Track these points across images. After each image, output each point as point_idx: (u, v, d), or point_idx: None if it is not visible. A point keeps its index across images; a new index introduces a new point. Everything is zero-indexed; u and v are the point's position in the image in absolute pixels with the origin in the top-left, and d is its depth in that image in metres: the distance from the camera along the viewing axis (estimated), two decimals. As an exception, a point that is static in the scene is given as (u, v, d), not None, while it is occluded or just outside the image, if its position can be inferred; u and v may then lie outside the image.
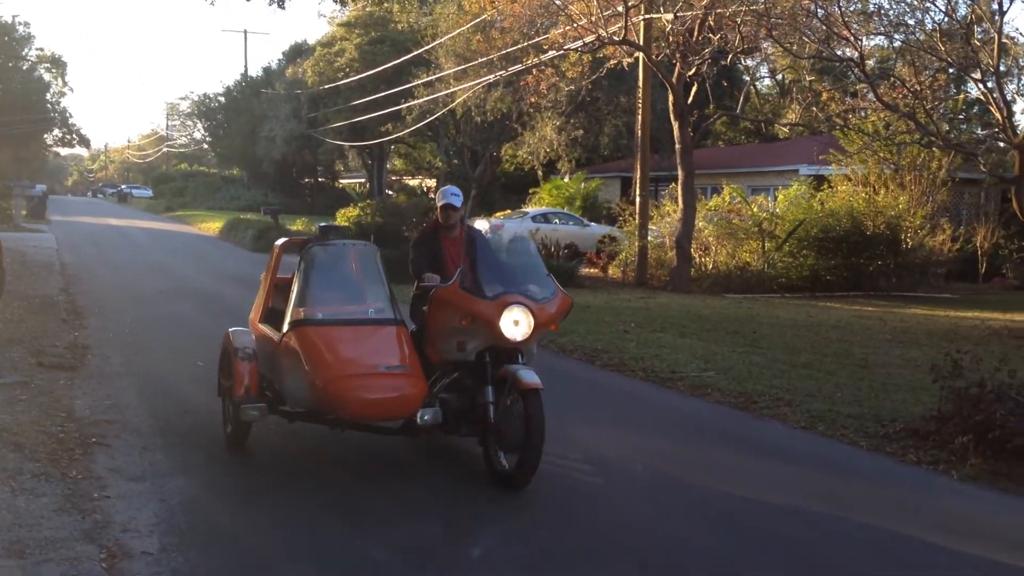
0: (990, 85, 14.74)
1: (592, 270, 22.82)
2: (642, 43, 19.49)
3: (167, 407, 7.88)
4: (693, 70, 19.24)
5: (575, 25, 18.81)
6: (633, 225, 21.57)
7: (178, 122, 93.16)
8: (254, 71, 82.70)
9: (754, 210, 21.87)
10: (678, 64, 19.47)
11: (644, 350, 11.26)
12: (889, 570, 4.98)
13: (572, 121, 30.35)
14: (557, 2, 19.38)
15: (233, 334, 6.84)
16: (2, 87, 55.74)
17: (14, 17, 66.78)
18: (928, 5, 16.56)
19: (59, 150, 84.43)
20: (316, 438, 6.88)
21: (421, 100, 30.24)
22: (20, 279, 15.77)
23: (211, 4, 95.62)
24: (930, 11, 19.48)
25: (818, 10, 15.95)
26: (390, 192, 43.89)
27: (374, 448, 6.75)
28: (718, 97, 23.21)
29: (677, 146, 20.08)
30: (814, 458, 7.16)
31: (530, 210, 28.69)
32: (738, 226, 21.39)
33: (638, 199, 21.23)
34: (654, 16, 19.39)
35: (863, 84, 19.06)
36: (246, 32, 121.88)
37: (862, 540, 5.36)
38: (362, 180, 52.64)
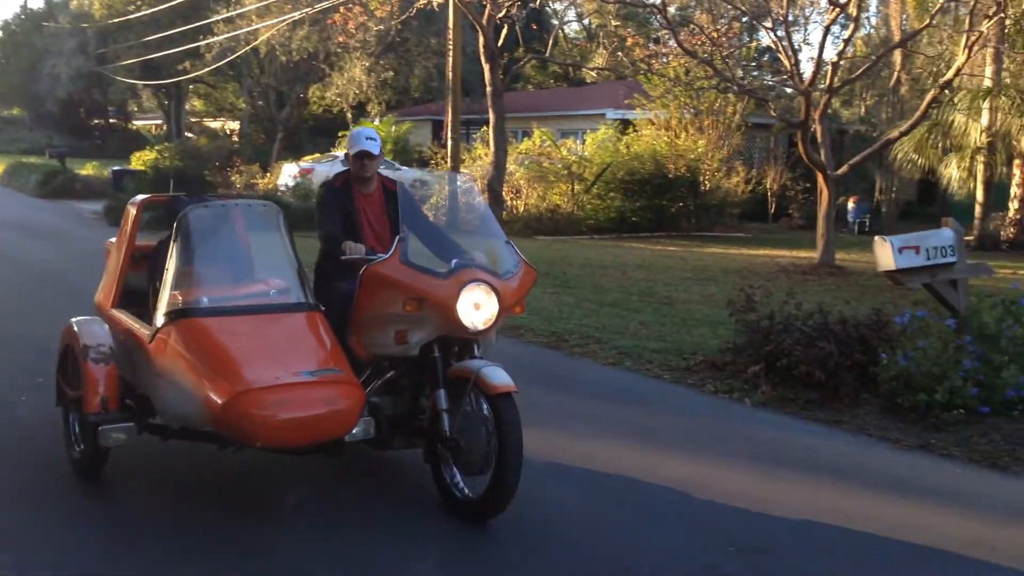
0: (780, 34, 15.55)
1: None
2: (451, -17, 19.28)
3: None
4: (503, 12, 19.23)
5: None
6: (445, 168, 21.54)
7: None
8: (35, 3, 76.24)
9: (563, 153, 22.32)
10: (488, 5, 19.41)
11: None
12: (686, 485, 5.26)
13: (382, 62, 29.78)
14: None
15: (79, 326, 5.08)
16: None
17: None
18: (724, -45, 17.19)
19: None
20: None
21: (221, 37, 28.78)
22: None
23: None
24: (725, -39, 20.23)
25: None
26: (190, 135, 41.84)
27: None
28: (528, 41, 23.41)
29: (488, 89, 20.08)
30: (622, 392, 7.46)
31: (340, 154, 28.03)
32: (548, 169, 21.78)
33: (450, 142, 21.17)
34: (462, -44, 19.19)
35: (665, 31, 19.68)
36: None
37: (666, 467, 5.65)
38: (159, 122, 49.86)
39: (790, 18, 15.38)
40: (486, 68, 19.98)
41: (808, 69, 15.31)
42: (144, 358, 4.71)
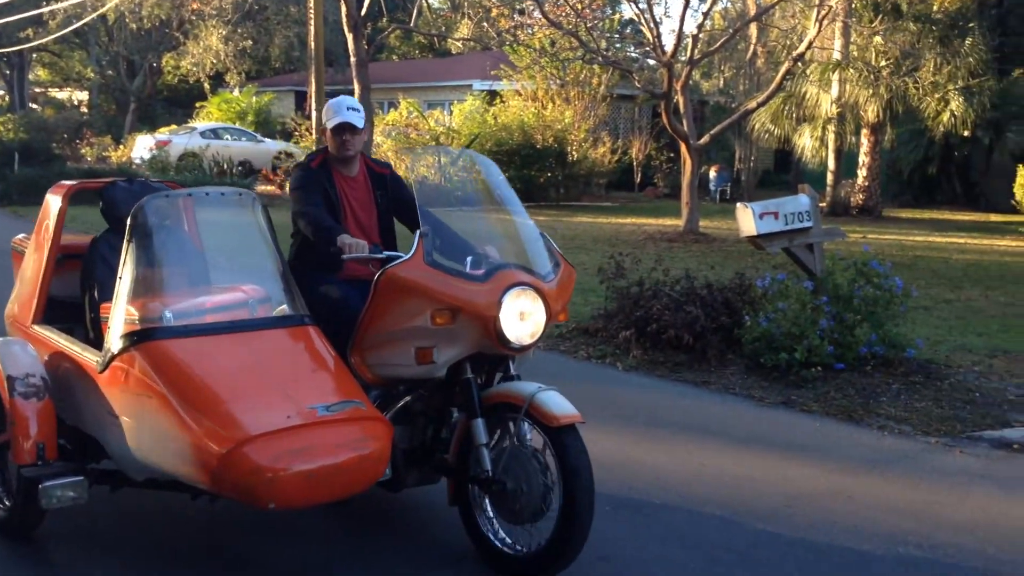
0: (642, 6, 15.78)
1: (269, 187, 22.08)
2: (311, -51, 18.75)
3: None
4: (365, -20, 18.87)
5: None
6: (310, 140, 21.07)
7: None
8: None
9: (431, 124, 22.18)
10: (350, -27, 18.98)
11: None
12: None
13: (240, 31, 28.83)
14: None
15: None
16: None
17: None
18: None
19: None
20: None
21: (65, 3, 27.22)
22: None
23: None
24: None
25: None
26: (34, 105, 39.53)
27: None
28: (391, 10, 23.03)
29: (352, 59, 19.68)
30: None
31: (198, 125, 27.08)
32: (416, 140, 21.59)
33: (314, 113, 20.67)
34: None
35: (530, 1, 19.71)
36: None
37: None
38: (0, 92, 46.90)
39: (652, -10, 15.62)
40: (349, 38, 19.57)
41: (670, 42, 15.58)
42: (92, 392, 3.68)
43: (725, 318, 7.21)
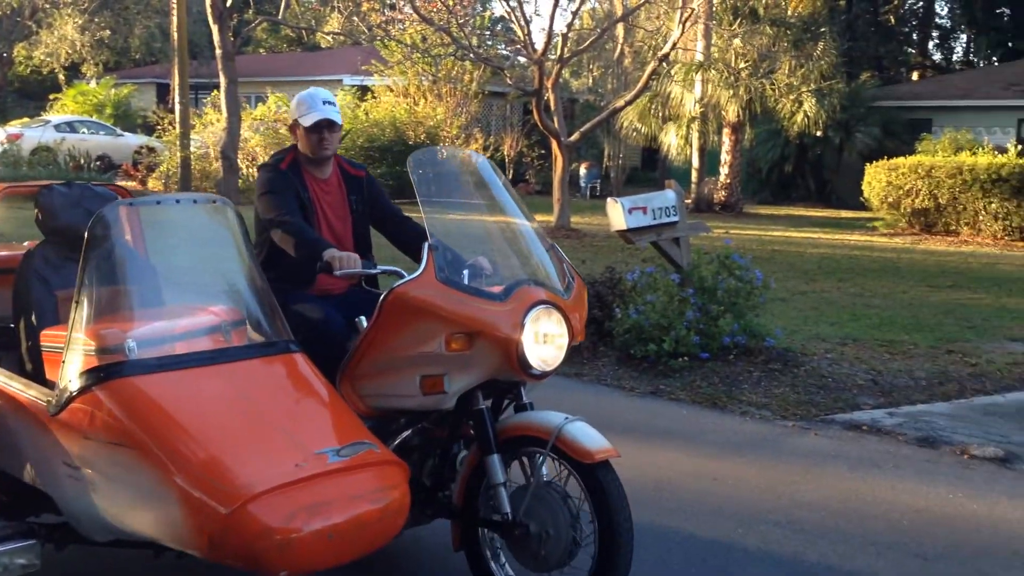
0: (512, 4, 15.95)
1: (130, 183, 21.28)
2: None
3: None
4: (231, -29, 18.42)
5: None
6: (174, 135, 20.44)
7: None
8: None
9: (300, 120, 21.81)
10: (214, -37, 18.50)
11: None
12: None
13: (97, 20, 27.66)
14: None
15: None
16: None
17: None
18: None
19: None
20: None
21: (-98, -15, 25.54)
22: None
23: None
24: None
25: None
26: None
27: None
28: (258, 2, 22.53)
29: (218, 51, 19.22)
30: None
31: (52, 118, 25.87)
32: (285, 136, 21.18)
33: (178, 107, 20.09)
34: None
35: (400, -3, 19.65)
36: None
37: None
38: None
39: (522, -11, 15.82)
40: (214, 29, 19.09)
41: (540, 40, 15.82)
42: (40, 438, 3.10)
43: (597, 311, 7.40)
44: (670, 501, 4.68)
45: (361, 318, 3.47)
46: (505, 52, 24.12)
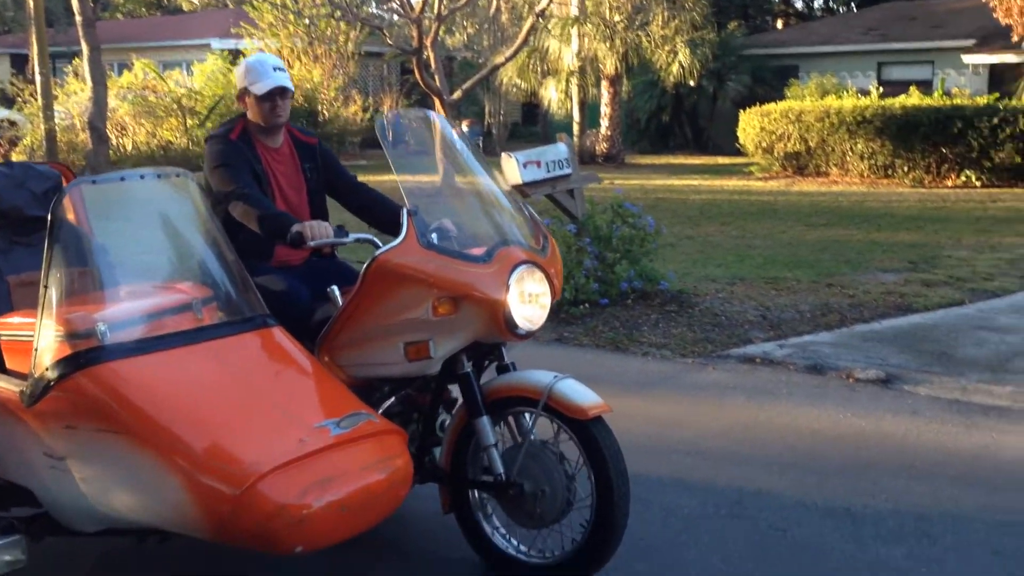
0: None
1: (-8, 160, 20.23)
2: None
3: None
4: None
5: None
6: (36, 107, 19.45)
7: None
8: None
9: (171, 86, 21.09)
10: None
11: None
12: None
13: (-61, -13, 25.89)
14: None
15: None
16: None
17: None
18: None
19: None
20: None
21: None
22: None
23: None
24: None
25: None
26: None
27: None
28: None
29: (78, 18, 18.32)
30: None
31: None
32: (156, 104, 20.50)
33: (39, 77, 19.10)
34: None
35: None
36: None
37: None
38: None
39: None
40: (74, -6, 18.20)
41: (416, -3, 15.71)
42: (13, 430, 2.99)
43: (496, 265, 7.53)
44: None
45: (333, 288, 3.44)
46: (379, 12, 23.79)
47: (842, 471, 4.42)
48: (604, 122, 22.23)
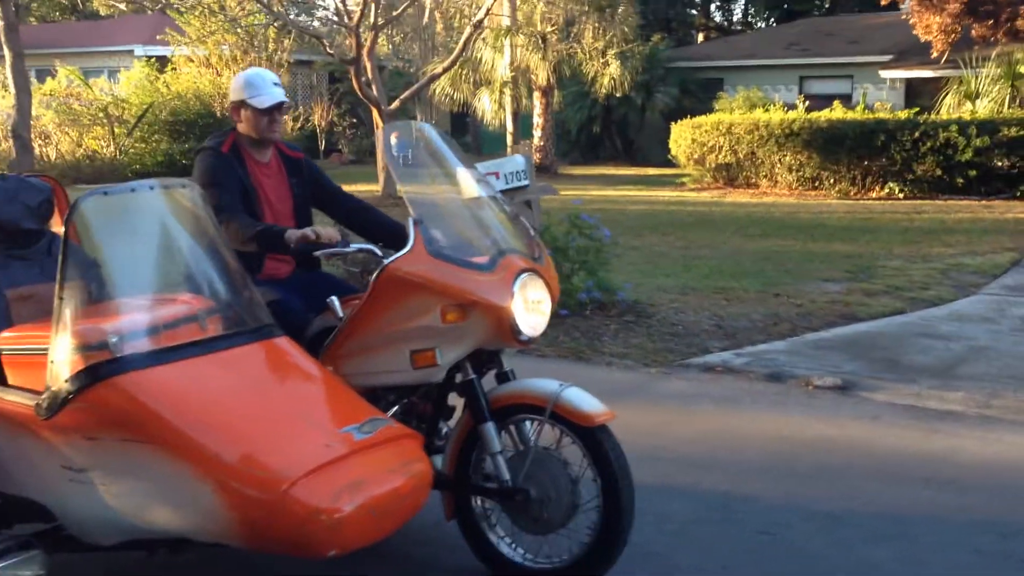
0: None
1: (-95, 169, 19.45)
2: None
3: None
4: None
5: None
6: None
7: None
8: None
9: (96, 94, 20.57)
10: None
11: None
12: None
13: None
14: None
15: None
16: None
17: None
18: None
19: None
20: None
21: None
22: None
23: None
24: None
25: None
26: None
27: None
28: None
29: (0, 23, 17.78)
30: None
31: None
32: (81, 111, 19.97)
33: (-43, 84, 18.49)
34: None
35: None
36: None
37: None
38: None
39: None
40: (-5, -2, 17.63)
41: (354, 8, 15.62)
42: (29, 444, 2.92)
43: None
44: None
45: (333, 298, 3.47)
46: (312, 21, 23.59)
47: (817, 476, 4.58)
48: (537, 132, 22.43)
